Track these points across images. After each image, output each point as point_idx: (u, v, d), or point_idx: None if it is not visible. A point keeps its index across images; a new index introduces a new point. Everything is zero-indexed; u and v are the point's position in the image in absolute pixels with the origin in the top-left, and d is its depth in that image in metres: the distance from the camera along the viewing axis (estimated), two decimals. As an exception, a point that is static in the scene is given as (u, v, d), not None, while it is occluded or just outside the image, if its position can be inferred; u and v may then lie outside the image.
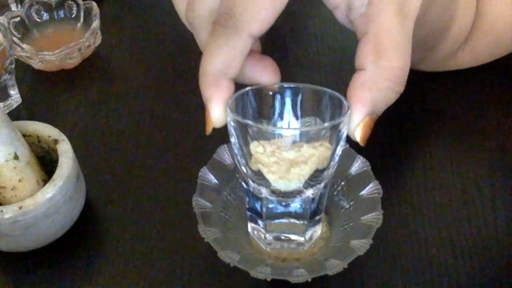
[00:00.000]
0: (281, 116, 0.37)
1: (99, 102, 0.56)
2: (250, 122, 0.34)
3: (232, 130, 0.35)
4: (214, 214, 0.42)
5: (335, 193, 0.44)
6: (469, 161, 0.50)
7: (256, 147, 0.34)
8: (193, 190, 0.42)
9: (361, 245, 0.39)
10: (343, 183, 0.44)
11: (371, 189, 0.42)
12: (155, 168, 0.50)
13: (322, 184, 0.37)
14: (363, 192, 0.42)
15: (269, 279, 0.38)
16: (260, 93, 0.37)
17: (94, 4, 0.59)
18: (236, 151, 0.36)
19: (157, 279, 0.43)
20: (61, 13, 0.61)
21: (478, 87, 0.54)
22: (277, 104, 0.37)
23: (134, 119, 0.54)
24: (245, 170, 0.36)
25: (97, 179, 0.49)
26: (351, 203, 0.43)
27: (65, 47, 0.56)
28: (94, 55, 0.59)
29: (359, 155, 0.43)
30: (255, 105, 0.37)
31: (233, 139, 0.36)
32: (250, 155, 0.35)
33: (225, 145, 0.44)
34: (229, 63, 0.34)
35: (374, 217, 0.40)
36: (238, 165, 0.37)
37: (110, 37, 0.61)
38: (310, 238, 0.40)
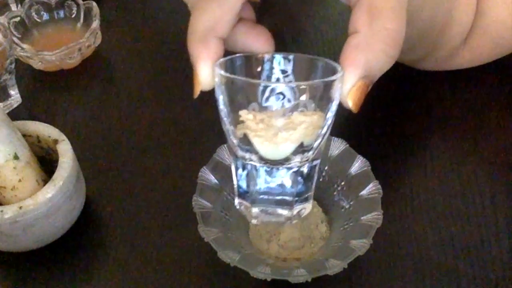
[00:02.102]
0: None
1: (99, 102, 0.56)
2: (238, 77, 0.32)
3: (220, 94, 0.34)
4: (214, 214, 0.42)
5: (335, 193, 0.44)
6: (469, 161, 0.50)
7: (246, 114, 0.33)
8: (193, 190, 0.42)
9: (361, 245, 0.39)
10: (343, 183, 0.44)
11: (371, 189, 0.42)
12: (155, 168, 0.50)
13: (310, 153, 0.35)
14: (363, 192, 0.42)
15: (269, 279, 0.38)
16: (250, 60, 0.35)
17: (94, 4, 0.59)
18: (224, 117, 0.34)
19: (157, 279, 0.43)
20: (61, 13, 0.61)
21: (478, 87, 0.54)
22: (268, 73, 0.36)
23: (134, 119, 0.54)
24: (233, 139, 0.35)
25: (97, 179, 0.49)
26: (351, 203, 0.43)
27: (65, 47, 0.56)
28: (94, 55, 0.59)
29: (359, 155, 0.43)
30: (243, 72, 0.35)
31: (220, 105, 0.34)
32: (238, 122, 0.34)
33: (225, 145, 0.44)
34: (218, 20, 0.33)
35: (374, 217, 0.40)
36: (226, 133, 0.35)
37: (110, 37, 0.61)
38: (299, 215, 0.38)
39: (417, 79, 0.54)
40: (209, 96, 0.35)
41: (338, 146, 0.44)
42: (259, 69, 0.36)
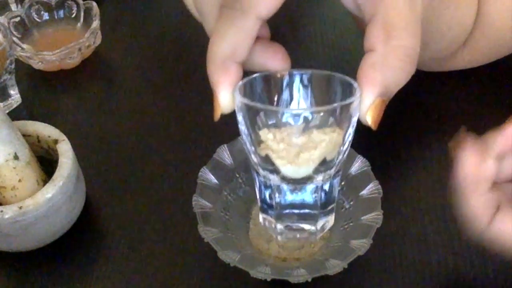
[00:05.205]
0: (290, 103, 0.37)
1: (99, 102, 0.56)
2: (258, 104, 0.33)
3: (240, 116, 0.34)
4: (214, 214, 0.42)
5: (335, 193, 0.44)
6: (469, 161, 0.49)
7: (266, 134, 0.34)
8: (193, 190, 0.42)
9: (361, 245, 0.39)
10: (343, 183, 0.44)
11: (371, 189, 0.42)
12: (155, 168, 0.50)
13: (332, 170, 0.35)
14: (363, 192, 0.42)
15: (269, 279, 0.38)
16: (268, 79, 0.36)
17: (94, 4, 0.59)
18: (244, 138, 0.35)
19: (157, 279, 0.43)
20: (61, 13, 0.61)
21: (478, 87, 0.54)
22: (286, 91, 0.36)
23: (134, 119, 0.54)
24: (254, 158, 0.36)
25: (97, 179, 0.49)
26: (351, 203, 0.43)
27: (65, 47, 0.56)
28: (94, 55, 0.59)
29: (359, 155, 0.43)
30: (263, 92, 0.36)
31: (241, 126, 0.35)
32: (259, 142, 0.34)
33: (225, 145, 0.44)
34: (237, 46, 0.33)
35: (374, 217, 0.40)
36: (248, 153, 0.36)
37: (110, 37, 0.61)
38: (323, 228, 0.38)
39: (417, 79, 0.54)
40: (209, 96, 0.35)
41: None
42: (278, 88, 0.36)
